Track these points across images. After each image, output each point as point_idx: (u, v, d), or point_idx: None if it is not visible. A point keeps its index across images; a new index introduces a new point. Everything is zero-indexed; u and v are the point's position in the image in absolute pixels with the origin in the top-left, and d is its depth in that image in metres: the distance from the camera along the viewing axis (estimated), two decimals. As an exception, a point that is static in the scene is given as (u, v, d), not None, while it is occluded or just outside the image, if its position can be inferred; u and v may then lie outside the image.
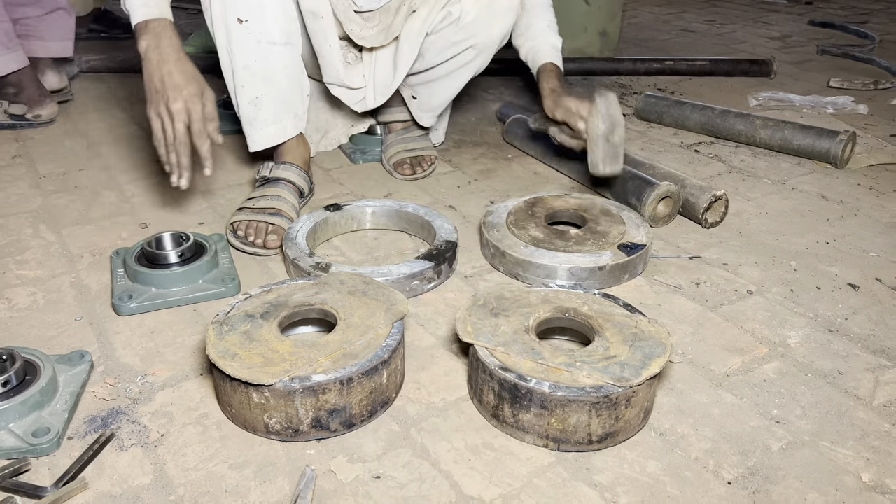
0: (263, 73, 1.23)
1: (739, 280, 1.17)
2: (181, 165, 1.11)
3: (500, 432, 0.84)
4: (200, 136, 1.09)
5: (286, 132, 1.31)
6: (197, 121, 1.09)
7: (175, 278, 1.08)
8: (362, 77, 1.43)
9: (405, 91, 1.53)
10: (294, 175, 1.32)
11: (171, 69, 1.08)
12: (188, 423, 0.85)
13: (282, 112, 1.29)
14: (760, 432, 0.85)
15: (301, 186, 1.34)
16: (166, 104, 1.08)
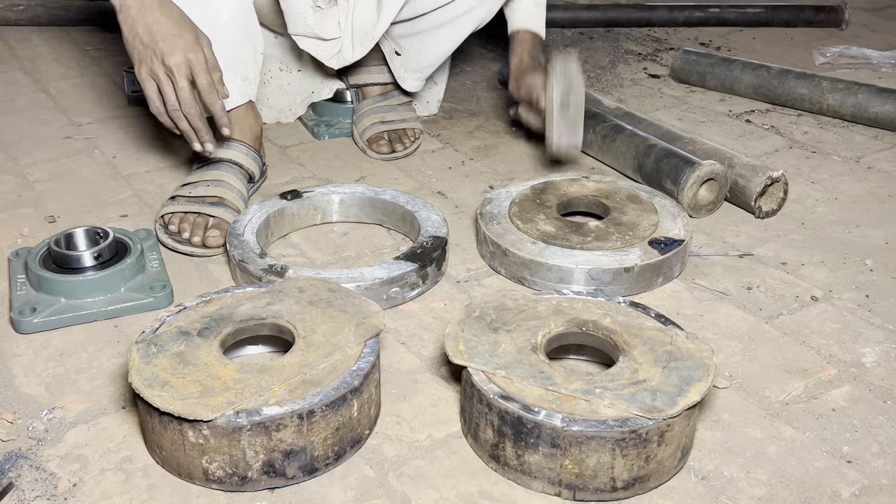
0: (203, 19, 1.22)
1: (802, 283, 1.17)
2: (198, 129, 1.13)
3: (500, 477, 0.84)
4: (210, 91, 1.11)
5: (232, 99, 1.31)
6: (202, 73, 1.10)
7: (90, 286, 1.07)
8: (337, 25, 1.43)
9: (386, 45, 1.53)
10: (241, 155, 1.32)
11: (157, 16, 1.09)
12: (107, 469, 0.84)
13: (226, 73, 1.29)
14: (828, 475, 0.85)
15: (250, 169, 1.33)
16: (161, 60, 1.08)
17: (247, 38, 1.29)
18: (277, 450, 0.80)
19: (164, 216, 1.24)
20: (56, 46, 2.14)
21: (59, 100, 1.80)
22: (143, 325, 1.06)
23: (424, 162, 1.54)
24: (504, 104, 1.78)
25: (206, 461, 0.80)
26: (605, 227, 1.19)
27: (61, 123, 1.68)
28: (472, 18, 1.46)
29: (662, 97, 1.86)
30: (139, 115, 1.72)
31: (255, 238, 1.17)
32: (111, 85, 1.88)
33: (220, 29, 1.25)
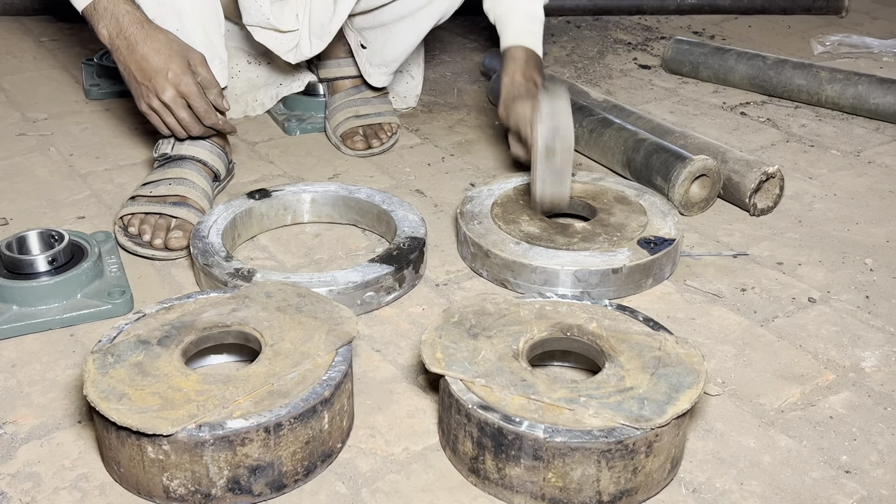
0: (172, 5, 1.25)
1: (798, 284, 1.18)
2: (213, 128, 1.26)
3: (480, 492, 0.84)
4: (208, 115, 1.23)
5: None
6: (196, 99, 1.21)
7: (44, 292, 1.07)
8: (295, 17, 1.43)
9: (352, 37, 1.53)
10: (205, 152, 1.32)
11: (144, 51, 1.19)
12: (61, 488, 0.84)
13: (208, 51, 1.29)
14: (825, 486, 0.85)
15: (215, 167, 1.33)
16: (156, 96, 1.20)
17: (211, 20, 1.30)
18: (243, 465, 0.80)
19: (123, 217, 1.24)
20: (8, 37, 2.13)
21: (12, 94, 1.78)
22: (101, 333, 1.05)
23: (402, 158, 1.54)
24: (487, 102, 1.79)
25: (166, 478, 0.80)
26: (591, 229, 1.19)
27: (14, 119, 1.66)
28: (432, 11, 1.46)
29: (653, 89, 1.87)
30: (97, 110, 1.71)
31: (220, 240, 1.16)
32: (68, 78, 1.87)
33: (185, 12, 1.25)
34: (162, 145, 1.31)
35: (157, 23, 1.23)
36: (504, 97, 1.36)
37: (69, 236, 1.12)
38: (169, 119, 1.23)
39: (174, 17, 1.25)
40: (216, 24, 1.32)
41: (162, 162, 1.32)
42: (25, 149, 1.54)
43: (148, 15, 1.23)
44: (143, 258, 1.21)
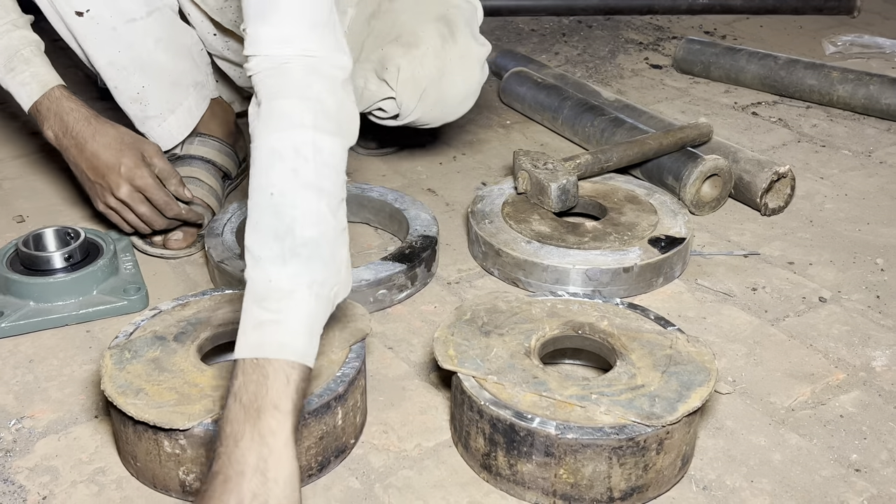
0: (134, 62, 1.22)
1: (809, 284, 1.18)
2: (177, 219, 1.19)
3: (492, 488, 0.85)
4: (168, 207, 1.17)
5: (192, 114, 1.31)
6: (154, 192, 1.15)
7: (61, 288, 1.08)
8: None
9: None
10: (214, 152, 1.32)
11: (94, 148, 1.15)
12: (78, 482, 0.85)
13: (176, 94, 1.27)
14: (835, 484, 0.86)
15: (225, 166, 1.34)
16: (112, 193, 1.15)
17: (181, 50, 1.27)
18: (258, 460, 0.80)
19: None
20: (24, 36, 2.14)
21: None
22: (117, 329, 1.06)
23: (414, 157, 1.54)
24: (498, 102, 1.79)
25: (182, 472, 0.81)
26: (602, 228, 1.20)
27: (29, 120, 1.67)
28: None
29: (664, 89, 1.88)
30: (112, 108, 1.71)
31: (234, 238, 1.17)
32: (83, 77, 1.88)
33: (153, 58, 1.23)
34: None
35: (120, 87, 1.22)
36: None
37: (85, 234, 1.14)
38: (129, 216, 1.17)
39: (139, 74, 1.23)
40: (186, 51, 1.28)
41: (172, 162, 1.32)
42: (41, 147, 1.56)
43: (112, 82, 1.22)
44: (154, 257, 1.22)
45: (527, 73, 1.72)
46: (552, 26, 2.27)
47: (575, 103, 1.57)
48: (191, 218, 1.20)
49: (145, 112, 1.26)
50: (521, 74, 1.72)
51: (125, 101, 1.25)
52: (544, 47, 2.11)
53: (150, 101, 1.25)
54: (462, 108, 1.34)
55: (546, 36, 2.19)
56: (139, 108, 1.25)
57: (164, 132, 1.28)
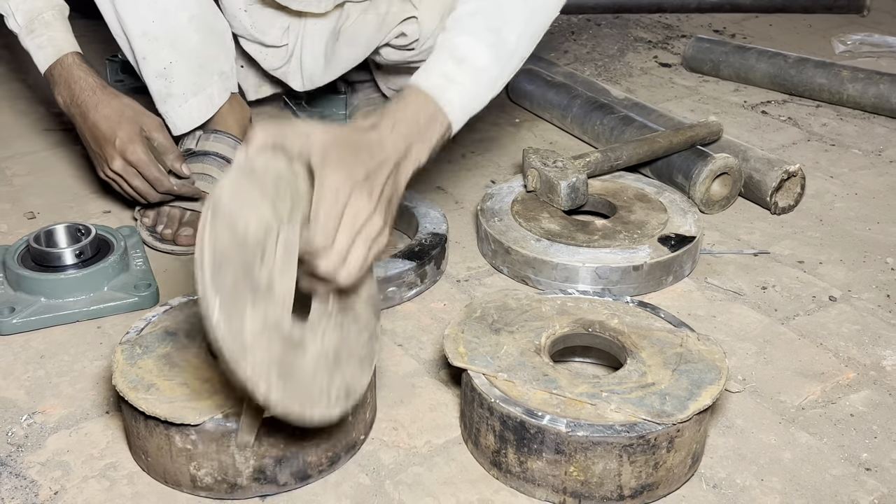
0: (166, 35, 1.23)
1: (819, 283, 1.18)
2: (169, 193, 1.20)
3: (502, 485, 0.85)
4: (159, 183, 1.18)
5: (213, 102, 1.31)
6: (145, 167, 1.17)
7: (72, 285, 1.08)
8: (283, 32, 1.38)
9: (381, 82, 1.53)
10: (228, 148, 1.33)
11: (95, 119, 1.17)
12: (90, 477, 0.85)
13: (202, 77, 1.28)
14: (845, 483, 0.86)
15: None
16: (108, 165, 1.18)
17: (212, 34, 1.29)
18: (268, 455, 0.81)
19: (140, 209, 1.27)
20: (34, 33, 2.14)
21: (38, 89, 1.80)
22: (127, 325, 1.06)
23: (423, 155, 1.54)
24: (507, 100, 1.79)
25: (193, 467, 0.81)
26: (612, 226, 1.20)
27: (40, 114, 1.68)
28: None
29: (674, 87, 1.87)
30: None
31: (244, 235, 1.17)
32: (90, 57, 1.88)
33: (185, 35, 1.24)
34: (186, 141, 1.32)
35: (149, 60, 1.23)
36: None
37: (96, 230, 1.14)
38: (125, 186, 1.20)
39: (168, 49, 1.23)
40: (218, 36, 1.29)
41: (186, 157, 1.33)
42: (51, 143, 1.56)
43: (141, 53, 1.23)
44: (163, 253, 1.22)
45: (536, 71, 1.72)
46: (561, 24, 2.27)
47: (584, 101, 1.57)
48: (184, 192, 1.21)
49: (169, 89, 1.26)
50: (530, 72, 1.72)
51: (151, 75, 1.26)
52: (553, 45, 2.10)
53: (176, 79, 1.25)
54: None
55: (555, 34, 2.19)
56: (163, 84, 1.26)
57: (183, 113, 1.29)
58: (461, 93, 0.93)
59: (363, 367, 0.83)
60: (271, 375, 0.69)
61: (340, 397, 0.78)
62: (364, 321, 0.85)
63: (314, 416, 0.74)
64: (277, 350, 0.71)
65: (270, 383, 0.69)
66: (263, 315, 0.70)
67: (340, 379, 0.79)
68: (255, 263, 0.70)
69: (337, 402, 0.77)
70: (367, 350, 0.84)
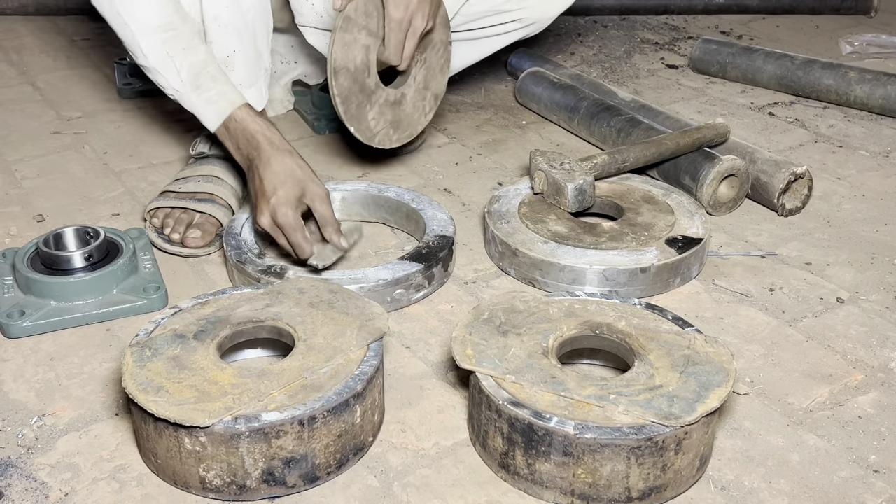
0: (234, 23, 1.24)
1: (827, 285, 1.18)
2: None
3: (510, 487, 0.85)
4: (300, 251, 1.11)
5: (263, 95, 1.32)
6: (291, 232, 1.11)
7: (81, 288, 1.09)
8: None
9: None
10: None
11: (263, 173, 1.13)
12: (100, 479, 0.86)
13: (256, 71, 1.29)
14: (854, 485, 0.86)
15: None
16: (258, 219, 1.13)
17: (264, 31, 1.31)
18: (277, 457, 0.81)
19: (151, 211, 1.26)
20: (43, 37, 2.16)
21: (47, 93, 1.81)
22: (137, 328, 1.07)
23: (430, 158, 1.55)
24: (514, 102, 1.79)
25: (203, 469, 0.81)
26: (619, 228, 1.20)
27: (49, 118, 1.69)
28: (506, 39, 1.50)
29: (681, 89, 1.87)
30: (130, 108, 1.73)
31: (252, 238, 1.18)
32: (101, 77, 1.90)
33: (250, 25, 1.26)
34: (199, 144, 1.33)
35: (216, 45, 1.23)
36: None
37: (104, 233, 1.14)
38: (281, 240, 1.13)
39: (235, 37, 1.25)
40: (265, 35, 1.32)
41: (195, 160, 1.34)
42: (60, 147, 1.57)
43: (209, 36, 1.23)
44: (172, 255, 1.23)
45: (542, 73, 1.72)
46: (567, 26, 2.27)
47: (591, 103, 1.57)
48: (325, 262, 1.13)
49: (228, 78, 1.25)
50: (537, 74, 1.72)
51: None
52: (560, 47, 2.11)
53: (236, 68, 1.26)
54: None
55: (561, 36, 2.19)
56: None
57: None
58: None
59: (443, 72, 1.35)
60: (390, 134, 1.32)
61: (432, 105, 1.36)
62: (438, 38, 1.31)
63: (418, 131, 1.37)
64: (388, 116, 1.30)
65: (391, 139, 1.33)
66: (374, 105, 1.29)
67: (430, 94, 1.35)
68: (364, 78, 1.26)
69: (430, 110, 1.36)
70: (444, 59, 1.34)
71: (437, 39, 1.30)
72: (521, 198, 1.28)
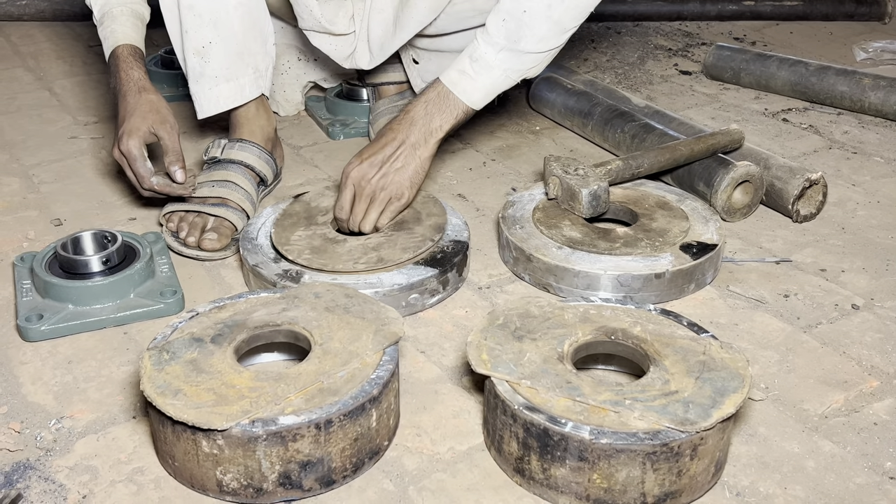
0: (211, 13, 1.28)
1: (842, 291, 1.18)
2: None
3: (525, 492, 0.85)
4: (143, 180, 1.22)
5: (244, 93, 1.34)
6: (133, 162, 1.22)
7: (98, 291, 1.09)
8: (350, 19, 1.44)
9: (405, 52, 1.54)
10: (253, 157, 1.34)
11: (120, 106, 1.25)
12: (117, 481, 0.86)
13: (237, 66, 1.32)
14: (869, 491, 0.85)
15: (262, 172, 1.36)
16: (117, 144, 1.23)
17: (255, 29, 1.33)
18: (294, 461, 0.81)
19: (165, 215, 1.28)
20: (60, 42, 2.17)
21: (64, 98, 1.83)
22: (154, 332, 1.08)
23: (444, 163, 1.55)
24: (527, 107, 1.80)
25: (220, 472, 0.82)
26: (633, 234, 1.20)
27: (66, 123, 1.70)
28: None
29: (694, 95, 1.87)
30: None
31: (269, 242, 1.18)
32: (117, 83, 1.91)
33: (228, 19, 1.29)
34: (212, 149, 1.34)
35: (191, 34, 1.29)
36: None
37: (122, 237, 1.15)
38: (127, 171, 1.24)
39: (210, 28, 1.28)
40: (259, 33, 1.34)
41: (210, 165, 1.35)
42: (77, 151, 1.58)
43: (185, 25, 1.28)
44: (188, 258, 1.24)
45: (556, 79, 1.73)
46: (580, 32, 2.26)
47: (605, 109, 1.57)
48: (164, 191, 1.22)
49: (203, 68, 1.31)
50: (551, 80, 1.73)
51: (190, 50, 1.31)
52: (573, 53, 2.11)
53: (212, 60, 1.31)
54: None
55: (575, 42, 2.20)
56: (199, 62, 1.31)
57: (211, 96, 1.33)
58: (474, 84, 1.22)
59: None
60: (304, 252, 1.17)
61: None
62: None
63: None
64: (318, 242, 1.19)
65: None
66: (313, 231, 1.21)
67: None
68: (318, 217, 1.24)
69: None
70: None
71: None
72: (536, 203, 1.28)
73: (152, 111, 1.23)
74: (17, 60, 2.05)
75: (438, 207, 1.25)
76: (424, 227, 1.20)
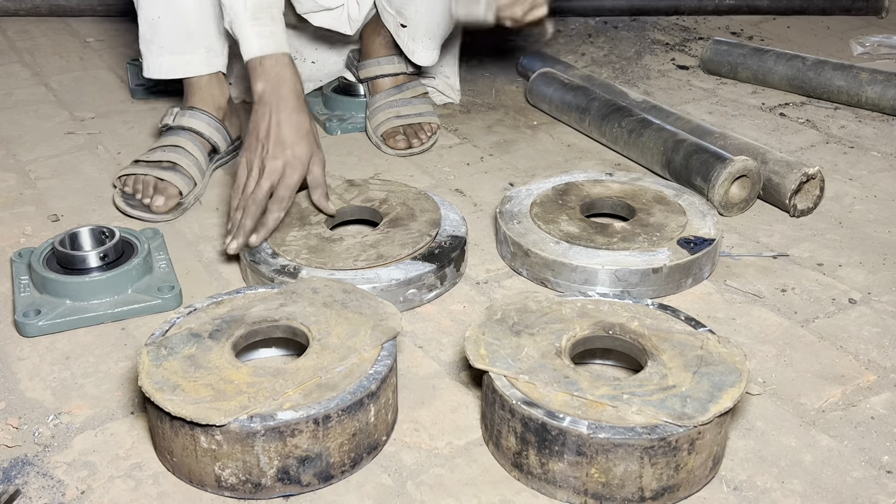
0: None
1: (839, 285, 1.18)
2: (243, 227, 1.15)
3: (523, 486, 0.85)
4: (280, 202, 1.16)
5: (188, 68, 1.41)
6: (285, 187, 1.16)
7: (96, 287, 1.09)
8: None
9: (390, 21, 1.54)
10: (202, 124, 1.41)
11: (283, 119, 1.18)
12: (116, 476, 0.86)
13: (185, 44, 1.38)
14: (866, 485, 0.86)
15: (212, 139, 1.42)
16: (262, 158, 1.16)
17: (210, 9, 1.37)
18: (292, 456, 0.81)
19: (121, 178, 1.35)
20: (56, 38, 2.17)
21: (60, 94, 1.82)
22: (151, 327, 1.08)
23: (441, 158, 1.55)
24: (525, 102, 1.80)
25: (218, 467, 0.82)
26: (631, 228, 1.20)
27: (63, 118, 1.70)
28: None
29: (691, 89, 1.87)
30: (143, 109, 1.74)
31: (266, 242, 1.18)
32: (114, 78, 1.91)
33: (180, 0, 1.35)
34: (166, 117, 1.42)
35: (143, 6, 1.34)
36: None
37: (119, 233, 1.15)
38: (251, 183, 1.16)
39: (163, 4, 1.35)
40: (216, 15, 1.37)
41: (163, 131, 1.42)
42: (74, 147, 1.58)
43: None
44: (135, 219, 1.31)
45: (553, 74, 1.72)
46: (578, 27, 2.27)
47: (602, 104, 1.57)
48: (266, 226, 1.16)
49: (152, 37, 1.39)
50: (548, 75, 1.73)
51: (143, 19, 1.38)
52: (570, 48, 2.11)
53: (160, 33, 1.37)
54: None
55: (572, 37, 2.20)
56: (149, 31, 1.38)
57: (155, 63, 1.41)
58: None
59: None
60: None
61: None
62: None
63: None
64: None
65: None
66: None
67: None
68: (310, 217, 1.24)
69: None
70: None
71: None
72: (533, 198, 1.28)
73: (315, 143, 1.20)
74: (13, 56, 2.04)
75: (431, 203, 1.25)
76: (420, 223, 1.20)
